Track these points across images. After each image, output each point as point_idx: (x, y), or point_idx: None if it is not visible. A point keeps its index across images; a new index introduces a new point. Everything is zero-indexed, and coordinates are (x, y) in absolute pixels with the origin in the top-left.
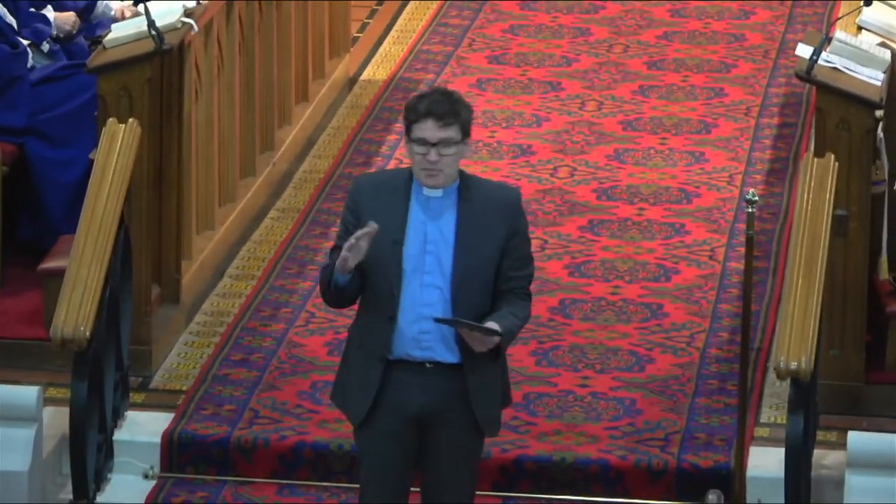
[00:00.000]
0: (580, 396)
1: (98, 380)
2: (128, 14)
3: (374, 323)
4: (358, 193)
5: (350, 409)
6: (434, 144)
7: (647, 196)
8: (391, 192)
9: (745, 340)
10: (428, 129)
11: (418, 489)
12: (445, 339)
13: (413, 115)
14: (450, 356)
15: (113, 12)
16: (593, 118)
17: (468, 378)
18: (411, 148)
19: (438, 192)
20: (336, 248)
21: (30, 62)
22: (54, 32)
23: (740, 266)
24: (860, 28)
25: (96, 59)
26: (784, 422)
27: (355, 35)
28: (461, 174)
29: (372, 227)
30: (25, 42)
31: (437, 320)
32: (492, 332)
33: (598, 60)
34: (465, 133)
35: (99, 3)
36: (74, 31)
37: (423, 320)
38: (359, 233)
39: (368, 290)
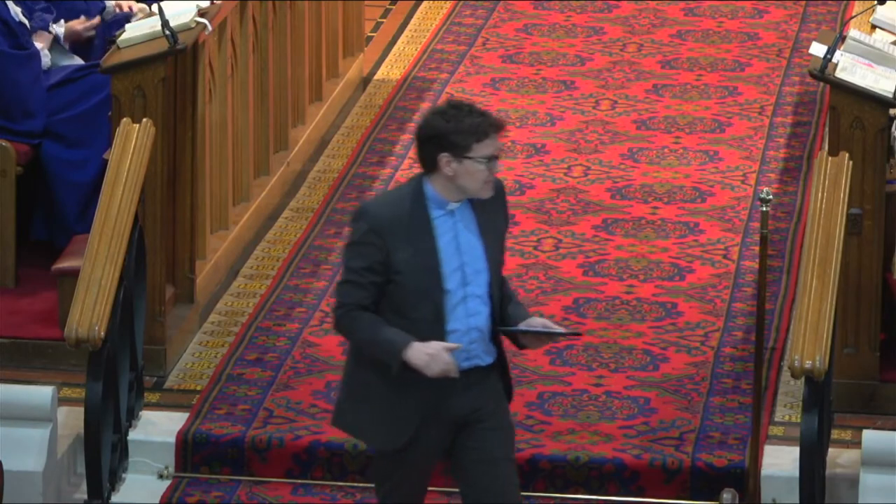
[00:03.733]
0: (594, 395)
1: (112, 379)
2: (126, 8)
3: None
4: (380, 228)
5: (380, 437)
6: (497, 156)
7: (661, 195)
8: (408, 216)
9: (760, 339)
10: (493, 144)
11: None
12: (486, 343)
13: (478, 135)
14: (489, 358)
15: (113, 6)
16: (607, 117)
17: (500, 354)
18: (468, 166)
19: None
20: (352, 284)
21: (45, 62)
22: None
23: (754, 265)
24: (874, 26)
25: (110, 59)
26: (798, 420)
27: (369, 34)
28: None
29: (451, 345)
30: (39, 45)
31: (503, 331)
32: (559, 334)
33: (611, 59)
34: None
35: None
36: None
37: (472, 331)
38: (445, 347)
39: (398, 319)
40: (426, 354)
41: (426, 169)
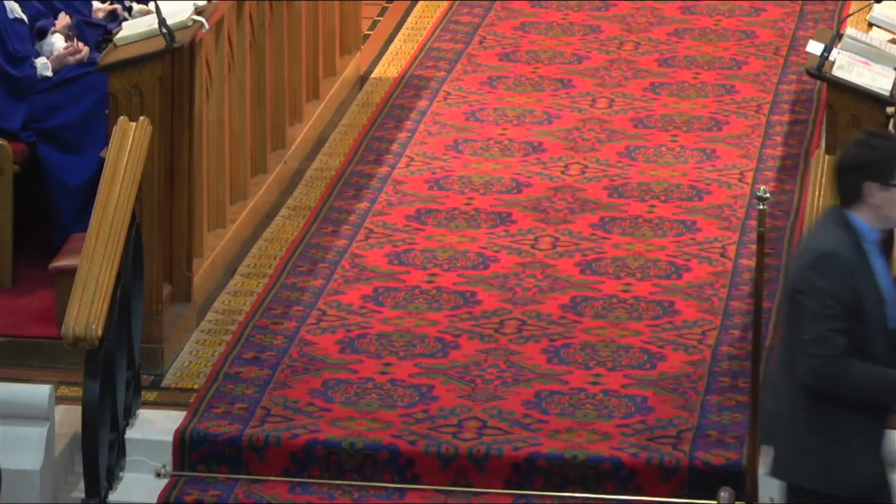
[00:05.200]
0: (592, 394)
1: (110, 378)
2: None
3: None
4: (850, 269)
5: (855, 480)
6: None
7: (659, 193)
8: (856, 252)
9: (757, 337)
10: None
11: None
12: None
13: None
14: None
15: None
16: (604, 115)
17: None
18: (895, 194)
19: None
20: (836, 332)
21: (46, 72)
22: (50, 69)
23: (752, 263)
24: (871, 25)
25: (107, 58)
26: None
27: (366, 33)
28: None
29: None
30: (44, 66)
31: None
32: None
33: (608, 58)
34: None
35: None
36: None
37: None
38: None
39: (859, 357)
40: None
41: (848, 200)
